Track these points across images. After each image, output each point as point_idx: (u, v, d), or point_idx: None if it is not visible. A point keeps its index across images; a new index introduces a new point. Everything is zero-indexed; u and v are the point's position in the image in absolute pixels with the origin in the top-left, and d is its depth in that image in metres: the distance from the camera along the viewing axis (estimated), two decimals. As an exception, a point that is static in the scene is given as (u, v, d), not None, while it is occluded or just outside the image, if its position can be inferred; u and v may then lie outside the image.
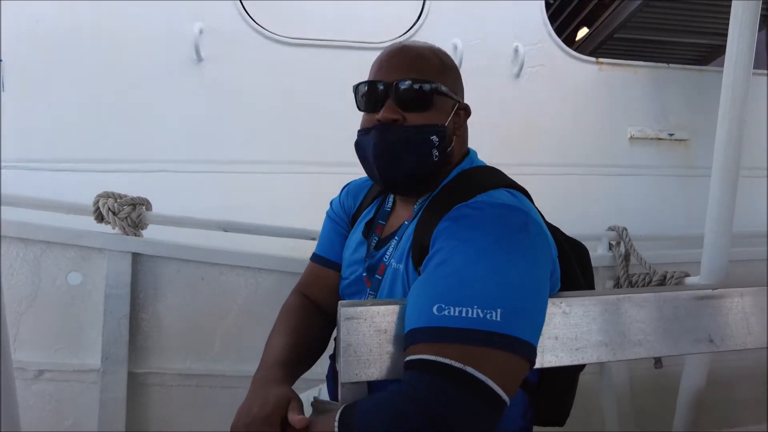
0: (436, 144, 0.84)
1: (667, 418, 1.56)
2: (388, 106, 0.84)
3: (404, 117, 0.84)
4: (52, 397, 1.56)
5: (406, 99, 0.84)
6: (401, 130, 0.84)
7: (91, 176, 2.08)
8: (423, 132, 0.84)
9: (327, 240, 1.09)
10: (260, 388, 0.80)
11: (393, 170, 0.85)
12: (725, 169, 1.34)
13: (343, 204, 1.09)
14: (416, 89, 0.84)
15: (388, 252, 0.89)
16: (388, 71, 0.86)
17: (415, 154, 0.84)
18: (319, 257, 1.08)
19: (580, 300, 0.81)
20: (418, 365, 0.65)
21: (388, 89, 0.85)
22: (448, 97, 0.88)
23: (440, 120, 0.86)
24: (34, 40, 2.10)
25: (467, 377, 0.62)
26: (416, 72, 0.85)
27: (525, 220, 0.74)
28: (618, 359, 0.82)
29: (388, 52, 0.89)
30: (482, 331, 0.64)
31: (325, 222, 1.11)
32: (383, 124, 0.84)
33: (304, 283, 1.09)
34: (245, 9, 2.28)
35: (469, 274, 0.68)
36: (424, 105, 0.84)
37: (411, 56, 0.87)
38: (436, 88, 0.85)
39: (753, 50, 1.31)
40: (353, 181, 1.13)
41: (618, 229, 1.90)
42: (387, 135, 0.84)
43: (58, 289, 1.57)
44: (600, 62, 2.68)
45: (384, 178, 0.87)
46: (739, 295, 0.87)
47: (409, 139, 0.84)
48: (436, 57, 0.90)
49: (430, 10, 2.44)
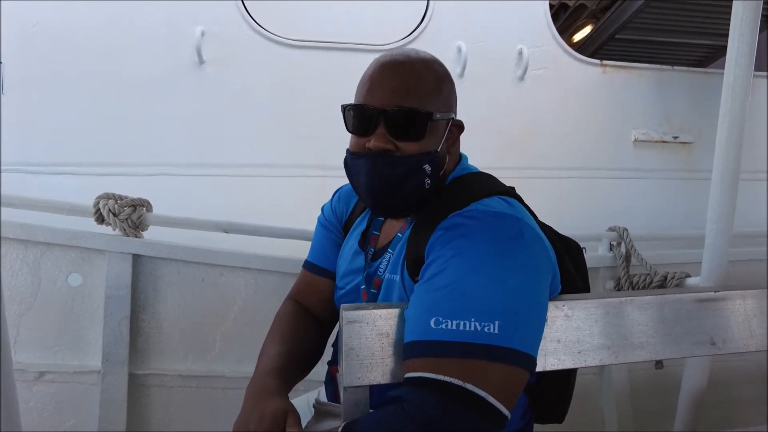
0: (429, 173, 0.82)
1: (667, 419, 1.56)
2: (379, 134, 0.80)
3: (396, 146, 0.80)
4: (53, 398, 1.55)
5: (399, 127, 0.79)
6: (395, 161, 0.80)
7: (91, 180, 2.07)
8: (417, 162, 0.81)
9: (320, 247, 1.06)
10: (256, 400, 0.78)
11: (386, 201, 0.83)
12: (726, 171, 1.33)
13: (334, 210, 1.07)
14: (411, 117, 0.79)
15: (383, 265, 0.88)
16: (381, 95, 0.80)
17: (408, 185, 0.81)
18: (312, 265, 1.06)
19: (582, 303, 0.81)
20: (418, 383, 0.65)
21: (379, 115, 0.79)
22: (441, 120, 0.84)
23: (433, 146, 0.83)
24: (33, 42, 2.10)
25: (466, 394, 0.62)
26: (410, 97, 0.80)
27: (520, 228, 0.73)
28: (620, 362, 0.82)
29: (380, 70, 0.83)
30: (480, 344, 0.64)
31: (317, 229, 1.09)
32: (374, 153, 0.80)
33: (297, 291, 1.07)
34: (247, 11, 2.27)
35: (466, 286, 0.68)
36: (418, 134, 0.80)
37: (404, 78, 0.81)
38: (431, 116, 0.81)
39: (754, 51, 1.31)
40: (345, 186, 1.09)
41: (618, 229, 1.90)
42: (380, 166, 0.80)
43: (59, 290, 1.57)
44: (604, 65, 2.68)
45: (376, 207, 0.87)
46: (740, 298, 0.87)
47: (403, 172, 0.80)
48: (432, 74, 0.84)
49: (433, 13, 2.43)
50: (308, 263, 1.08)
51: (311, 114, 2.26)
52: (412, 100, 0.80)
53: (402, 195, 0.82)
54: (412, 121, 0.79)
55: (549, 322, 0.77)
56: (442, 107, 0.84)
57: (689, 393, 1.45)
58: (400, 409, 0.64)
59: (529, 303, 0.70)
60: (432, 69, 0.85)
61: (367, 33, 2.38)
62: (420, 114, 0.79)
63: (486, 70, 2.46)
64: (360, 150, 0.83)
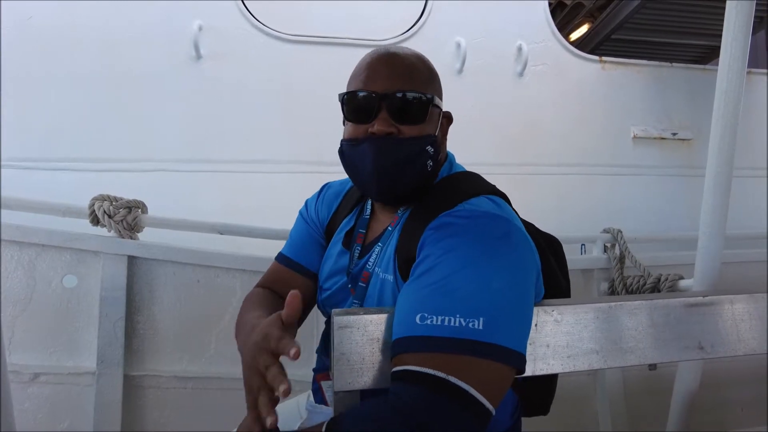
0: (431, 154, 0.84)
1: (661, 419, 1.57)
2: (382, 118, 0.82)
3: (399, 129, 0.83)
4: (48, 400, 1.55)
5: (401, 111, 0.82)
6: (400, 143, 0.82)
7: (87, 176, 2.07)
8: (420, 144, 0.83)
9: (299, 243, 1.04)
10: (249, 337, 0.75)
11: (393, 184, 0.84)
12: (718, 173, 1.34)
13: (317, 210, 1.06)
14: (413, 101, 0.82)
15: (372, 259, 0.88)
16: (381, 81, 0.83)
17: (414, 167, 0.83)
18: (288, 260, 1.03)
19: (572, 308, 0.81)
20: (403, 376, 0.66)
21: (382, 100, 0.82)
22: (437, 107, 0.88)
23: (432, 130, 0.86)
24: (28, 36, 2.08)
25: (450, 386, 0.63)
26: (410, 83, 0.83)
27: (508, 228, 0.75)
28: (609, 366, 0.82)
29: (377, 60, 0.86)
30: (464, 339, 0.65)
31: (298, 222, 1.07)
32: (378, 137, 0.82)
33: (268, 281, 1.04)
34: (245, 5, 2.26)
35: (452, 283, 0.69)
36: (419, 117, 0.83)
37: (403, 66, 0.85)
38: (431, 100, 0.84)
39: (747, 51, 1.31)
40: (331, 184, 1.09)
41: (613, 231, 1.91)
42: (386, 149, 0.82)
43: (54, 291, 1.57)
44: (603, 61, 2.68)
45: (382, 191, 0.85)
46: (729, 302, 0.88)
47: (409, 153, 0.82)
48: (425, 67, 0.89)
49: (432, 8, 2.42)
50: (284, 257, 1.04)
51: (309, 110, 2.25)
52: (414, 84, 0.83)
53: (407, 176, 0.83)
54: (414, 105, 0.83)
55: (539, 326, 0.78)
56: (437, 95, 0.88)
57: (681, 395, 1.46)
58: (385, 401, 0.64)
59: (514, 301, 0.70)
60: (424, 61, 0.90)
61: (366, 28, 2.37)
62: (422, 97, 0.83)
63: (485, 65, 2.46)
64: (360, 135, 0.84)
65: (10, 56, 2.04)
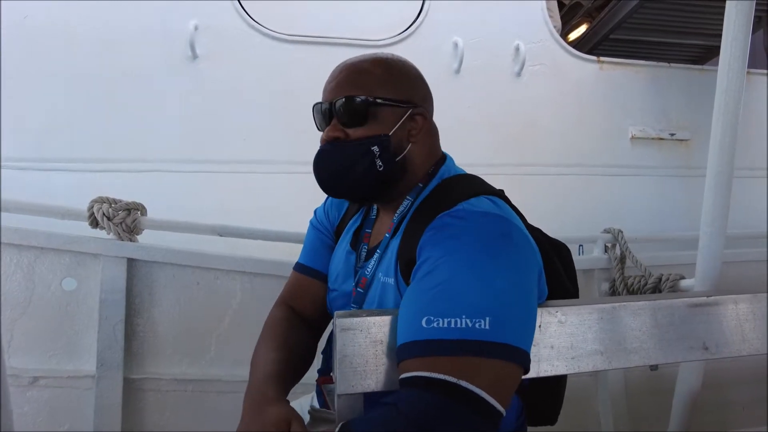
0: (377, 154, 0.85)
1: (663, 419, 1.57)
2: (332, 125, 0.88)
3: (347, 134, 0.87)
4: (47, 403, 1.54)
5: (345, 115, 0.86)
6: (342, 147, 0.87)
7: (83, 176, 2.06)
8: (362, 145, 0.85)
9: (312, 249, 1.07)
10: (256, 409, 0.77)
11: (336, 186, 0.89)
12: (719, 173, 1.34)
13: (327, 213, 1.09)
14: (349, 105, 0.86)
15: (370, 265, 0.89)
16: (331, 91, 0.89)
17: (357, 167, 0.85)
18: (304, 267, 1.06)
19: (575, 309, 0.81)
20: (413, 382, 0.65)
21: (330, 109, 0.88)
22: (393, 106, 0.88)
23: (382, 130, 0.86)
24: (23, 35, 2.07)
25: (461, 391, 0.62)
26: (352, 88, 0.87)
27: (508, 227, 0.75)
28: (614, 367, 0.82)
29: (333, 72, 0.92)
30: (472, 340, 0.64)
31: (309, 231, 1.10)
32: (327, 143, 0.88)
33: (288, 294, 1.07)
34: (242, 5, 2.25)
35: (455, 285, 0.68)
36: (361, 119, 0.86)
37: (349, 73, 0.89)
38: (371, 101, 0.86)
39: (747, 51, 1.31)
40: None
41: (613, 231, 1.90)
42: (326, 155, 0.88)
43: (53, 294, 1.56)
44: (601, 61, 2.68)
45: (331, 193, 0.93)
46: (733, 302, 0.88)
47: (351, 154, 0.85)
48: (378, 68, 0.90)
49: (430, 8, 2.41)
50: (300, 265, 1.08)
51: (306, 109, 2.23)
52: (352, 89, 0.87)
53: (352, 176, 0.85)
54: (354, 107, 0.86)
55: (542, 328, 0.77)
56: (391, 95, 0.88)
57: (683, 395, 1.46)
58: (395, 408, 0.64)
59: (519, 299, 0.70)
60: (385, 64, 0.91)
61: (364, 28, 2.37)
62: (366, 99, 0.86)
63: (482, 65, 2.45)
64: (321, 143, 0.91)
65: (5, 55, 2.03)
